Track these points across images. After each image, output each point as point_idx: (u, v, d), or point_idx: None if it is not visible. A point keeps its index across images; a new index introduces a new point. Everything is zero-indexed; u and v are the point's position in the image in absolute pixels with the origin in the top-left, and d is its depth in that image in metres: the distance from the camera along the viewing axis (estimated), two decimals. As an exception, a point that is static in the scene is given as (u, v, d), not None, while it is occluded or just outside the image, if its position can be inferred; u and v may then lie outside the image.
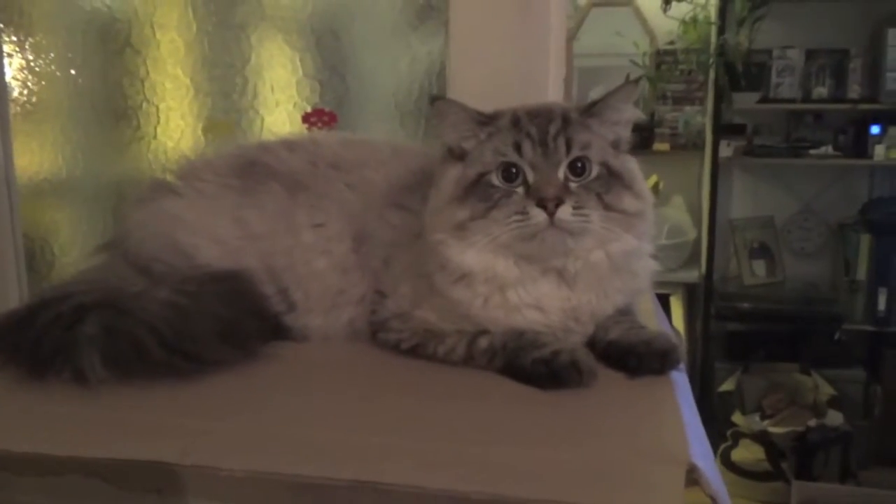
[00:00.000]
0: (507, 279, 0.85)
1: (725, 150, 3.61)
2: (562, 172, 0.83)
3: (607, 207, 0.84)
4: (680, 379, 0.89)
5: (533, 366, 0.82)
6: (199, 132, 1.60)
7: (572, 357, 0.81)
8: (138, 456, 0.69)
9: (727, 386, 3.56)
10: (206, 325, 0.87)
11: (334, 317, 0.98)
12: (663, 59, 3.79)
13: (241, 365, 0.88)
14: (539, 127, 0.84)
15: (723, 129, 3.60)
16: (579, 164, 0.83)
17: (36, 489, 0.72)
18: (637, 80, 0.89)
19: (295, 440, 0.71)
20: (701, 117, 3.77)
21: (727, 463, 3.28)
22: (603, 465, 0.66)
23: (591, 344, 0.90)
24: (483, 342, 0.87)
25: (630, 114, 0.88)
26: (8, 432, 0.75)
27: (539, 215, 0.81)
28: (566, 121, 0.85)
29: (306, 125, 1.50)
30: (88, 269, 1.02)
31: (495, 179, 0.84)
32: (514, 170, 0.83)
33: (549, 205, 0.81)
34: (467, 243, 0.84)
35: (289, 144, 1.08)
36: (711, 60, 3.53)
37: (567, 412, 0.77)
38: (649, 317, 1.05)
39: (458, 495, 0.63)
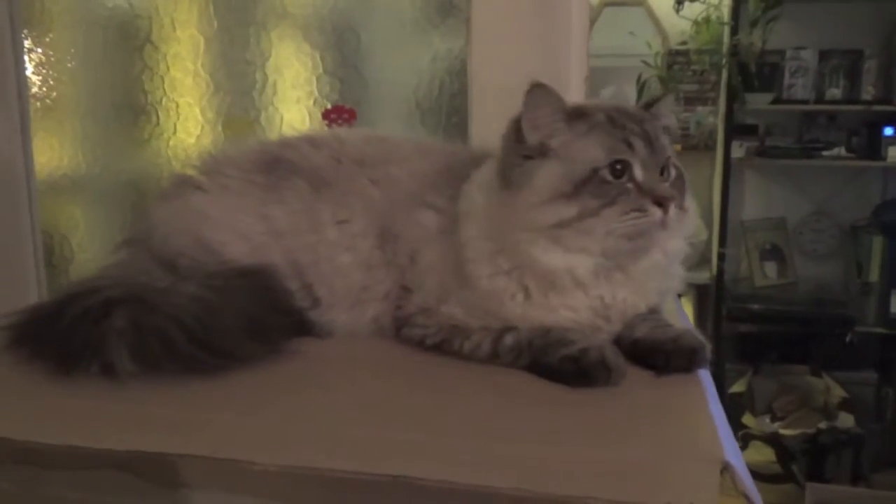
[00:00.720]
0: (581, 281, 0.85)
1: (737, 151, 3.60)
2: (660, 171, 0.84)
3: (682, 207, 0.85)
4: (706, 377, 0.89)
5: (561, 363, 0.81)
6: (219, 129, 1.61)
7: (601, 354, 0.81)
8: (170, 449, 0.69)
9: (738, 387, 3.56)
10: (233, 321, 0.87)
11: (359, 313, 0.98)
12: (675, 60, 3.78)
13: (268, 361, 0.88)
14: (639, 125, 0.84)
15: (735, 130, 3.59)
16: (664, 166, 0.85)
17: (65, 483, 0.73)
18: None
19: (326, 435, 0.71)
20: (713, 118, 3.77)
21: (739, 465, 3.27)
22: (636, 463, 0.66)
23: (617, 341, 0.89)
24: (509, 339, 0.86)
25: (671, 120, 0.92)
26: (36, 425, 0.75)
27: (657, 213, 0.81)
28: (653, 122, 0.86)
29: (326, 122, 1.50)
30: (112, 265, 1.02)
31: (608, 175, 0.82)
32: (620, 166, 0.82)
33: (666, 203, 0.81)
34: (559, 244, 0.83)
35: (312, 140, 1.08)
36: (724, 61, 3.52)
37: (595, 410, 0.77)
38: (673, 316, 1.04)
39: (490, 491, 0.62)
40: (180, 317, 0.85)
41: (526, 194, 0.84)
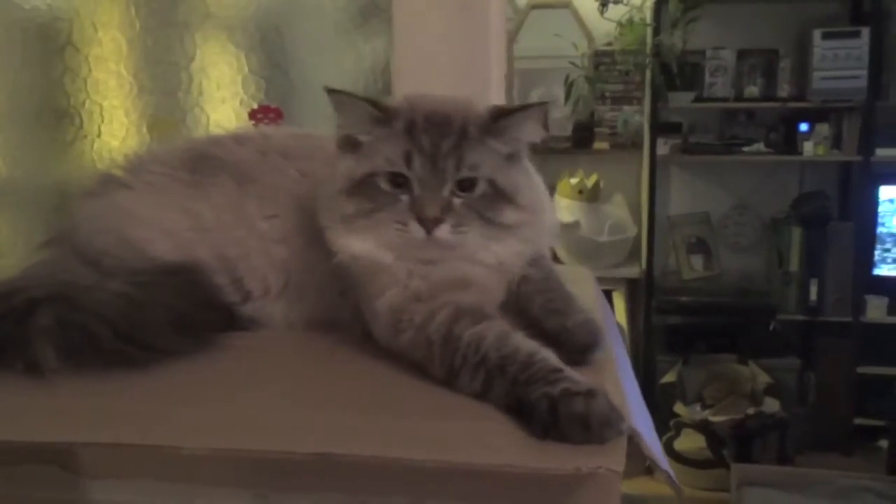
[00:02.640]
0: (385, 264, 0.87)
1: (662, 149, 3.70)
2: (447, 189, 0.84)
3: (488, 222, 0.86)
4: (621, 354, 0.93)
5: (537, 401, 0.70)
6: (144, 130, 1.60)
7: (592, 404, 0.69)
8: (97, 439, 0.70)
9: (669, 378, 3.65)
10: (158, 315, 0.88)
11: (295, 307, 1.00)
12: (601, 60, 3.88)
13: (196, 354, 0.89)
14: (432, 139, 0.84)
15: (660, 128, 3.70)
16: (466, 181, 0.85)
17: None
18: (545, 104, 0.90)
19: (255, 420, 0.73)
20: (639, 116, 3.87)
21: (671, 453, 3.36)
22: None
23: (511, 311, 0.90)
24: (468, 334, 0.80)
25: (534, 135, 0.89)
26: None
27: (418, 231, 0.83)
28: (462, 136, 0.85)
29: (253, 122, 1.51)
30: (36, 265, 1.01)
31: (382, 183, 0.85)
32: (402, 179, 0.85)
33: (427, 224, 0.83)
34: (352, 234, 0.87)
35: (238, 137, 1.09)
36: (648, 61, 3.62)
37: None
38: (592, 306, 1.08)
39: (411, 464, 0.65)
40: (104, 312, 0.85)
41: (328, 184, 0.89)
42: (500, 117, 0.87)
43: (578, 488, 0.63)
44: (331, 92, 0.87)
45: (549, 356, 0.76)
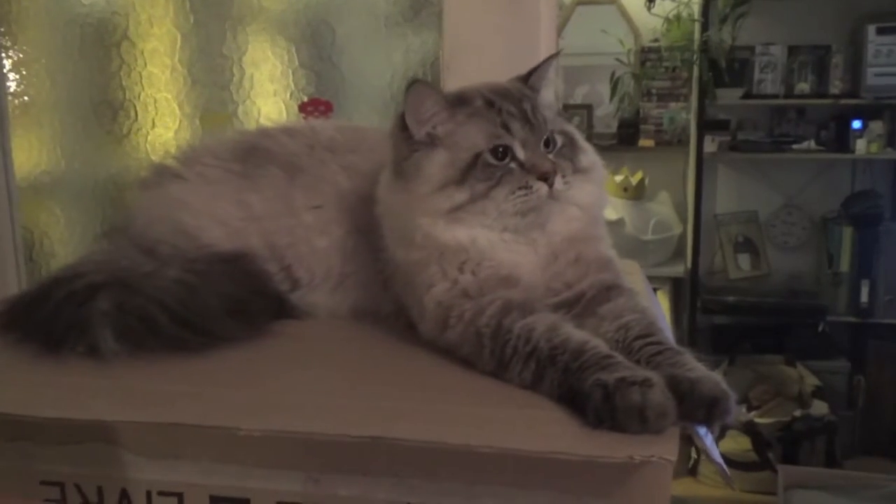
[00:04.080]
0: (485, 249, 0.87)
1: (710, 146, 3.65)
2: (542, 146, 0.88)
3: (576, 171, 0.90)
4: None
5: (591, 389, 0.69)
6: (197, 123, 1.63)
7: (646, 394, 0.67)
8: (155, 419, 0.72)
9: (713, 378, 3.59)
10: (214, 302, 0.90)
11: (339, 297, 1.01)
12: (648, 57, 3.84)
13: (250, 341, 0.91)
14: (515, 106, 0.88)
15: (707, 125, 3.65)
16: (548, 138, 0.89)
17: (58, 458, 0.75)
18: (557, 54, 0.95)
19: (308, 403, 0.75)
20: (685, 114, 3.82)
21: (715, 454, 3.32)
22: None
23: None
24: (518, 325, 0.80)
25: (553, 81, 0.95)
26: (29, 400, 0.77)
27: (542, 188, 0.85)
28: (531, 98, 0.90)
29: (303, 115, 1.53)
30: (95, 253, 1.04)
31: (491, 159, 0.86)
32: (502, 149, 0.86)
33: (550, 177, 0.85)
34: (459, 223, 0.86)
35: (288, 130, 1.11)
36: (695, 57, 3.57)
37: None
38: (642, 295, 1.08)
39: (464, 449, 0.65)
40: (162, 298, 0.87)
41: (418, 183, 0.87)
42: (528, 80, 0.92)
43: (631, 477, 0.63)
44: (413, 83, 0.87)
45: (601, 344, 0.76)
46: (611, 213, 3.57)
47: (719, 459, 0.71)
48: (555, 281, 0.89)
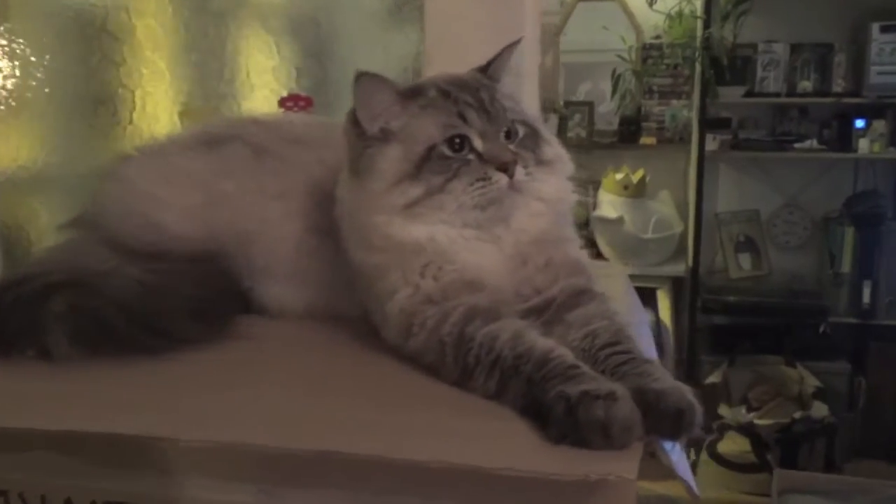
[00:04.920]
0: (444, 249, 0.84)
1: (711, 144, 3.61)
2: (503, 137, 0.85)
3: (539, 162, 0.86)
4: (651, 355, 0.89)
5: (554, 401, 0.66)
6: (176, 118, 1.60)
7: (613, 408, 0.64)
8: (100, 429, 0.69)
9: (713, 378, 3.57)
10: (175, 303, 0.87)
11: (296, 294, 0.99)
12: (649, 54, 3.80)
13: (210, 343, 0.88)
14: (472, 95, 0.85)
15: (709, 123, 3.61)
16: (508, 128, 0.86)
17: (3, 465, 0.72)
18: (517, 42, 0.91)
19: (258, 413, 0.72)
20: (687, 111, 3.78)
21: (713, 455, 3.29)
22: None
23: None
24: (481, 333, 0.77)
25: (513, 70, 0.92)
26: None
27: (502, 179, 0.82)
28: (489, 88, 0.87)
29: (283, 109, 1.50)
30: (58, 246, 1.02)
31: (447, 150, 0.83)
32: (458, 140, 0.83)
33: (510, 167, 0.82)
34: (416, 220, 0.83)
35: (258, 121, 1.09)
36: (697, 54, 3.53)
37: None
38: (618, 299, 1.05)
39: (417, 465, 0.63)
40: (121, 299, 0.85)
41: (372, 180, 0.84)
42: (487, 70, 0.90)
43: (589, 496, 0.60)
44: (361, 75, 0.83)
45: (566, 353, 0.73)
46: (611, 211, 3.55)
47: (687, 476, 0.68)
48: (524, 286, 0.86)
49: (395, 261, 0.84)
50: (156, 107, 1.61)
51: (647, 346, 0.98)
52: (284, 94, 1.51)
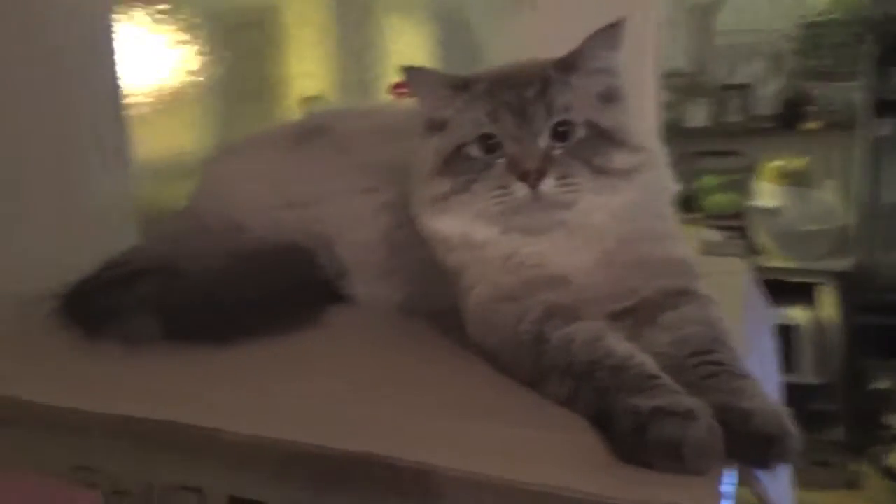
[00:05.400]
0: (480, 245, 0.79)
1: (882, 129, 3.31)
2: (544, 141, 0.76)
3: (598, 171, 0.76)
4: (769, 366, 0.80)
5: (624, 415, 0.60)
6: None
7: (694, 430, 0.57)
8: (166, 416, 0.71)
9: (881, 384, 3.29)
10: (252, 294, 0.87)
11: (387, 290, 0.96)
12: (813, 32, 3.53)
13: (287, 333, 0.87)
14: (516, 92, 0.77)
15: (879, 106, 3.30)
16: (562, 129, 0.76)
17: (89, 446, 0.75)
18: (617, 23, 0.79)
19: (301, 409, 0.70)
20: (855, 94, 3.49)
21: (881, 468, 3.04)
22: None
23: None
24: (557, 334, 0.71)
25: (612, 58, 0.80)
26: (55, 390, 0.77)
27: (521, 189, 0.75)
28: (545, 82, 0.77)
29: (394, 95, 1.49)
30: (158, 236, 1.05)
31: (474, 151, 0.78)
32: (489, 140, 0.77)
33: (530, 177, 0.74)
34: (447, 213, 0.80)
35: (362, 112, 1.08)
36: (866, 32, 3.25)
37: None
38: (735, 300, 0.95)
39: (458, 475, 0.59)
40: (204, 287, 0.86)
41: (416, 170, 0.83)
42: (570, 55, 0.79)
43: None
44: (407, 70, 0.81)
45: (647, 361, 0.66)
46: (769, 201, 3.36)
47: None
48: (617, 286, 0.77)
49: (471, 256, 0.80)
50: (304, 94, 1.64)
51: (760, 356, 0.89)
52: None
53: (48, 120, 1.58)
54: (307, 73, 1.66)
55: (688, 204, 4.31)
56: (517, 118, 0.76)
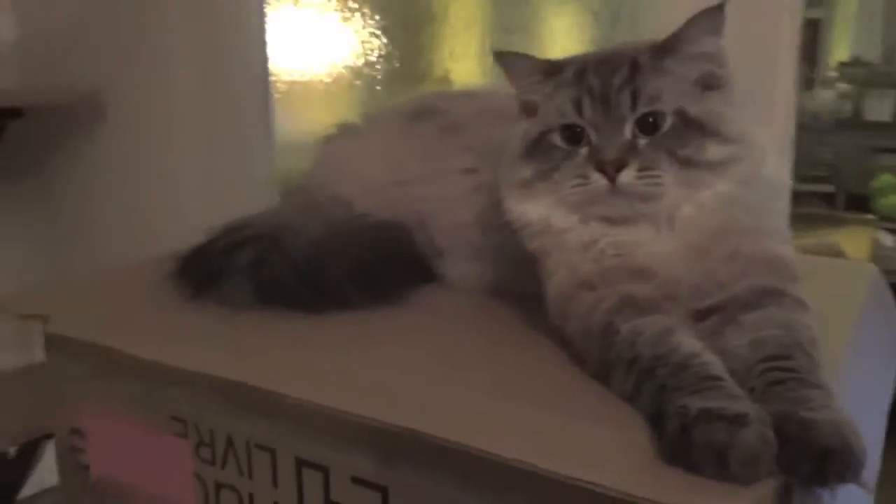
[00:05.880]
0: (561, 230, 0.78)
1: None
2: (628, 130, 0.73)
3: (685, 163, 0.73)
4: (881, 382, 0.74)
5: (674, 414, 0.58)
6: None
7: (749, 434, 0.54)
8: (238, 377, 0.75)
9: None
10: (341, 266, 0.90)
11: (476, 271, 0.96)
12: None
13: (374, 309, 0.90)
14: (603, 79, 0.75)
15: None
16: (650, 119, 0.73)
17: (181, 398, 0.80)
18: (719, 6, 0.74)
19: (381, 384, 0.72)
20: None
21: None
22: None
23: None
24: (626, 327, 0.70)
25: (712, 44, 0.76)
26: (158, 345, 0.83)
27: (599, 180, 0.73)
28: (634, 68, 0.74)
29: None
30: (273, 209, 1.09)
31: (557, 140, 0.77)
32: (571, 129, 0.76)
33: (608, 168, 0.72)
34: (530, 198, 0.79)
35: (469, 93, 1.09)
36: None
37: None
38: (848, 307, 0.87)
39: (497, 460, 0.59)
40: (296, 258, 0.89)
41: (504, 153, 0.83)
42: (667, 39, 0.76)
43: None
44: (499, 56, 0.81)
45: (712, 362, 0.63)
46: None
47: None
48: (705, 281, 0.74)
49: (552, 242, 0.79)
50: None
51: (865, 373, 0.82)
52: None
53: (201, 97, 1.71)
54: (459, 55, 1.68)
55: (860, 204, 4.01)
56: (601, 107, 0.74)
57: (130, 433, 0.86)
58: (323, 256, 0.89)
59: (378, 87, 1.78)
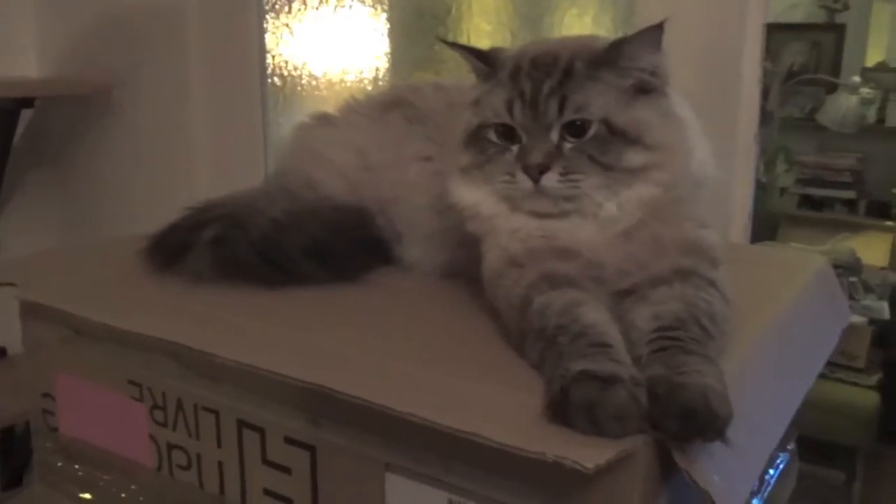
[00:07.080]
0: (488, 216, 0.83)
1: None
2: (555, 134, 0.77)
3: (607, 167, 0.76)
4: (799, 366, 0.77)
5: (557, 376, 0.63)
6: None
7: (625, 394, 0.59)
8: (194, 344, 0.79)
9: None
10: (299, 244, 0.95)
11: (430, 254, 1.00)
12: None
13: (329, 285, 0.95)
14: (534, 83, 0.78)
15: None
16: (578, 123, 0.76)
17: (138, 363, 0.86)
18: (659, 24, 0.76)
19: (322, 354, 0.77)
20: None
21: None
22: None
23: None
24: (538, 301, 0.74)
25: (652, 60, 0.78)
26: (123, 313, 0.88)
27: (525, 181, 0.78)
28: (567, 74, 0.77)
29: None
30: (247, 190, 1.13)
31: (492, 135, 0.81)
32: (503, 129, 0.80)
33: (531, 172, 0.77)
34: (468, 183, 0.84)
35: (439, 85, 1.12)
36: None
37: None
38: (787, 294, 0.90)
39: (432, 425, 0.62)
40: (255, 234, 0.94)
41: (454, 138, 0.87)
42: (607, 49, 0.78)
43: (548, 475, 0.58)
44: (452, 46, 0.86)
45: (607, 331, 0.68)
46: None
47: (709, 486, 0.58)
48: (628, 262, 0.78)
49: (485, 225, 0.84)
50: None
51: (781, 352, 0.86)
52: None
53: (212, 90, 1.77)
54: (480, 43, 1.73)
55: (882, 210, 3.96)
56: (531, 111, 0.78)
57: (94, 397, 0.92)
58: (280, 234, 0.94)
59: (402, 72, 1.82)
